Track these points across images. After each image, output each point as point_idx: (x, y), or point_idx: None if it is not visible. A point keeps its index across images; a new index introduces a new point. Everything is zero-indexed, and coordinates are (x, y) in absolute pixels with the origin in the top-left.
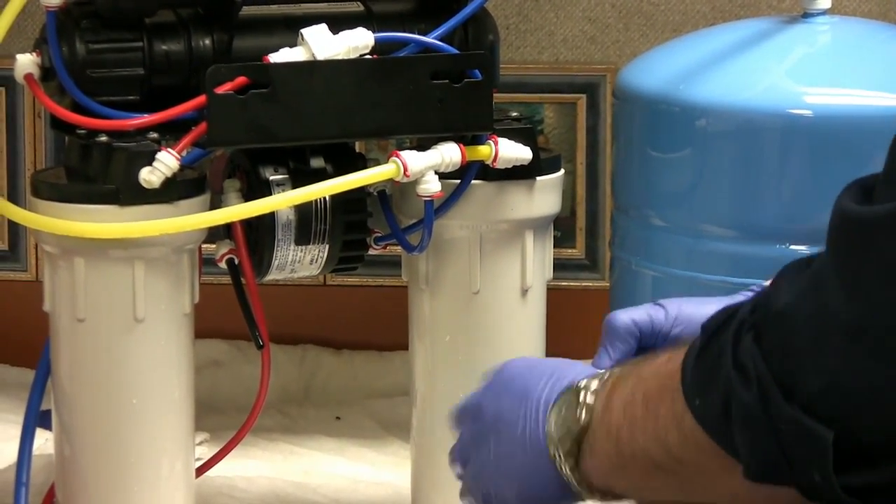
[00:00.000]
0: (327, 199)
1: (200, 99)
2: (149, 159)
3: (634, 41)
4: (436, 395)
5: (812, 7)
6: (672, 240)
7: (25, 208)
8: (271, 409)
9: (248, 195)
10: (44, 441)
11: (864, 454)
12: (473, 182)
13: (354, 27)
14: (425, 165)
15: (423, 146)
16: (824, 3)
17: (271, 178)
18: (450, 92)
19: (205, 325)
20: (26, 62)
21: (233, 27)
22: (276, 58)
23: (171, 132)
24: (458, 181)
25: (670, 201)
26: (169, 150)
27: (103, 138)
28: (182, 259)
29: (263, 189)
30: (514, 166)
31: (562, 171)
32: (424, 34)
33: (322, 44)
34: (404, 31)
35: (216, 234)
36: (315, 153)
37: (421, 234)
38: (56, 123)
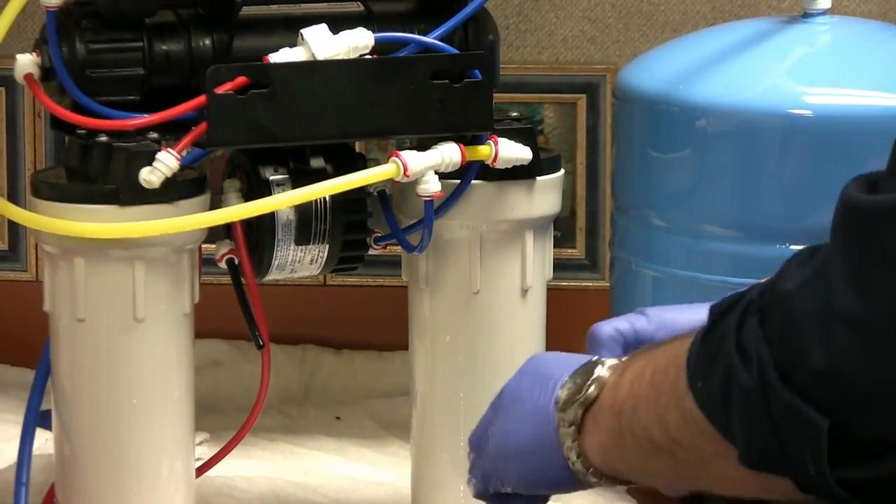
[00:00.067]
0: (327, 199)
1: (200, 99)
2: (149, 159)
3: (634, 41)
4: (436, 395)
5: (812, 7)
6: (672, 240)
7: (25, 208)
8: (271, 409)
9: (248, 195)
10: (44, 441)
11: (859, 448)
12: (473, 182)
13: (354, 27)
14: (425, 165)
15: (423, 146)
16: (824, 3)
17: (271, 178)
18: (450, 92)
19: (205, 325)
20: (26, 62)
21: (233, 27)
22: (276, 58)
23: (171, 132)
24: (458, 181)
25: (670, 201)
26: (169, 150)
27: (103, 138)
28: (182, 259)
29: (263, 189)
30: (514, 166)
31: (562, 171)
32: (424, 34)
33: (322, 44)
34: (404, 31)
35: (216, 234)
36: (315, 153)
37: (421, 234)
38: (56, 123)
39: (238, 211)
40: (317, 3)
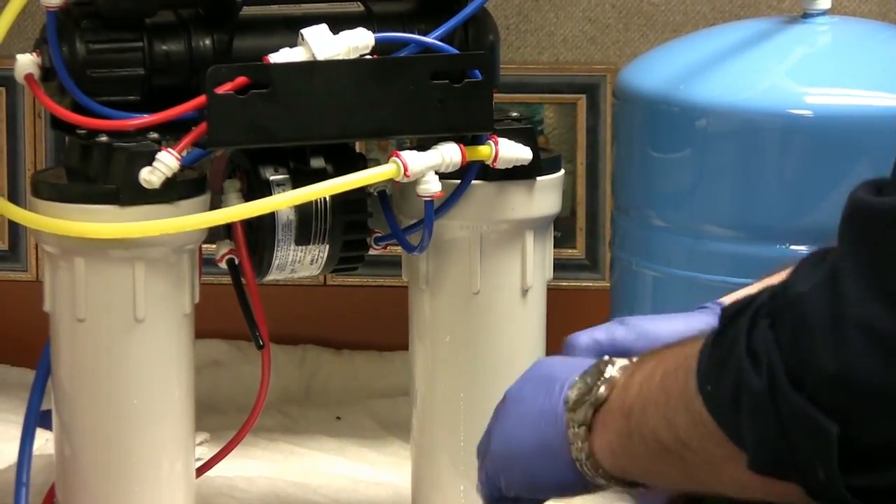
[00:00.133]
0: (327, 199)
1: (200, 99)
2: (149, 159)
3: (634, 41)
4: (436, 395)
5: (812, 7)
6: (672, 240)
7: (25, 208)
8: (271, 409)
9: (249, 195)
10: (44, 441)
11: (870, 455)
12: (474, 182)
13: (355, 27)
14: (425, 165)
15: (423, 146)
16: (824, 4)
17: (271, 178)
18: (450, 92)
19: (205, 325)
20: (27, 62)
21: (233, 27)
22: (276, 58)
23: (171, 132)
24: (459, 181)
25: (670, 201)
26: (169, 150)
27: (103, 138)
28: (182, 259)
29: (263, 189)
30: (514, 166)
31: (562, 172)
32: (424, 34)
33: (322, 44)
34: (404, 32)
35: (216, 234)
36: (315, 153)
37: (421, 235)
38: (56, 123)
39: (238, 211)
40: (317, 3)
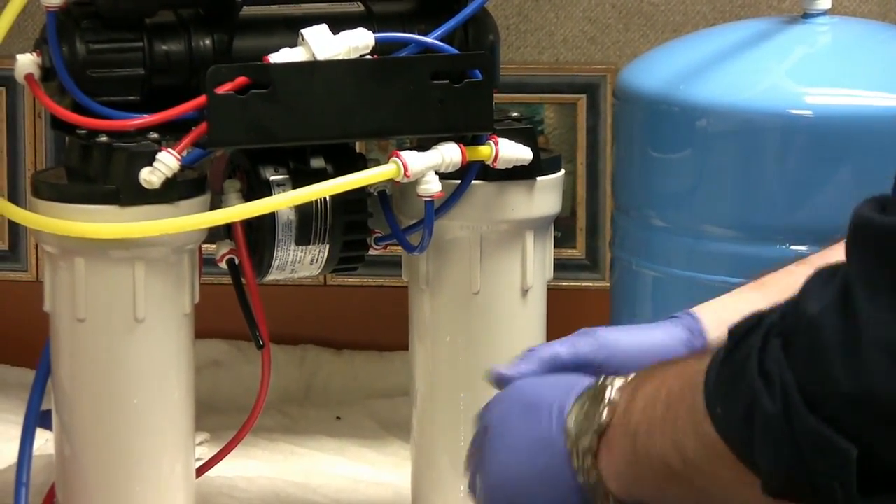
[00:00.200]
0: (328, 199)
1: (201, 99)
2: (149, 159)
3: (634, 41)
4: (436, 395)
5: (812, 7)
6: (672, 240)
7: (26, 208)
8: (272, 409)
9: (249, 195)
10: (44, 441)
11: (889, 476)
12: (474, 182)
13: (355, 27)
14: (425, 166)
15: (423, 146)
16: (824, 4)
17: (272, 178)
18: (450, 92)
19: (205, 325)
20: (27, 62)
21: (233, 27)
22: (276, 58)
23: (171, 132)
24: (459, 181)
25: (671, 202)
26: (169, 150)
27: (104, 138)
28: (182, 259)
29: (264, 189)
30: (514, 166)
31: (562, 172)
32: (425, 34)
33: (322, 44)
34: (404, 32)
35: (216, 234)
36: (315, 153)
37: (421, 235)
38: (56, 123)
39: (238, 211)
40: (317, 3)
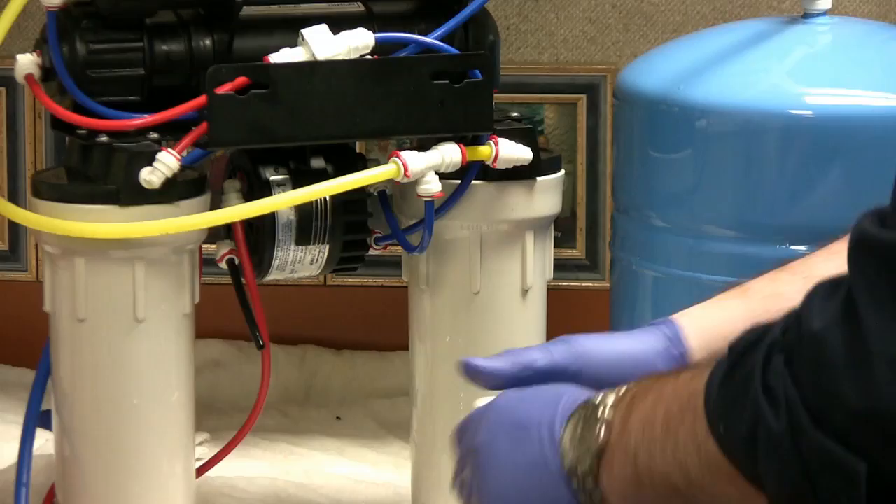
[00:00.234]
0: (328, 199)
1: (201, 99)
2: (149, 159)
3: (634, 42)
4: (436, 395)
5: (812, 8)
6: (672, 240)
7: (26, 208)
8: (272, 409)
9: (249, 195)
10: (44, 441)
11: None
12: (474, 182)
13: (355, 27)
14: (426, 166)
15: (423, 146)
16: (824, 4)
17: (272, 178)
18: (450, 92)
19: (205, 325)
20: (27, 62)
21: (233, 27)
22: (276, 58)
23: (171, 132)
24: (459, 181)
25: (671, 202)
26: (169, 150)
27: (104, 138)
28: (182, 259)
29: (264, 189)
30: (514, 167)
31: (562, 172)
32: (425, 34)
33: (322, 44)
34: (405, 32)
35: (216, 234)
36: (315, 153)
37: (421, 235)
38: (56, 124)
39: (238, 211)
40: (317, 3)
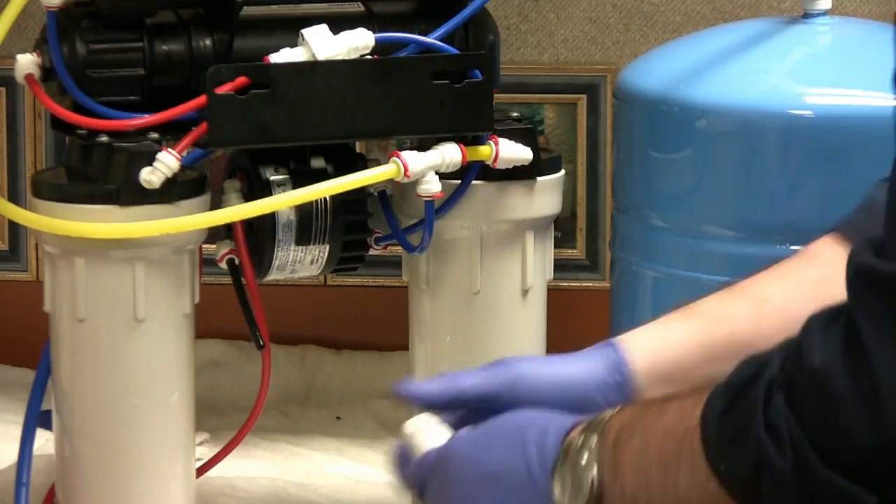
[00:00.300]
0: (328, 199)
1: (201, 99)
2: (149, 159)
3: (634, 42)
4: None
5: (812, 8)
6: (672, 240)
7: (26, 208)
8: (272, 409)
9: (249, 195)
10: (44, 441)
11: None
12: (474, 182)
13: (355, 27)
14: (426, 166)
15: (423, 146)
16: (824, 4)
17: (272, 178)
18: (450, 92)
19: (205, 325)
20: (27, 62)
21: (233, 27)
22: (276, 58)
23: (171, 132)
24: (459, 181)
25: (671, 202)
26: (169, 150)
27: (104, 138)
28: (182, 259)
29: (264, 189)
30: (514, 167)
31: (562, 172)
32: (425, 34)
33: (322, 44)
34: (405, 32)
35: (216, 234)
36: (315, 153)
37: (421, 235)
38: (56, 124)
39: (238, 211)
40: (317, 3)
